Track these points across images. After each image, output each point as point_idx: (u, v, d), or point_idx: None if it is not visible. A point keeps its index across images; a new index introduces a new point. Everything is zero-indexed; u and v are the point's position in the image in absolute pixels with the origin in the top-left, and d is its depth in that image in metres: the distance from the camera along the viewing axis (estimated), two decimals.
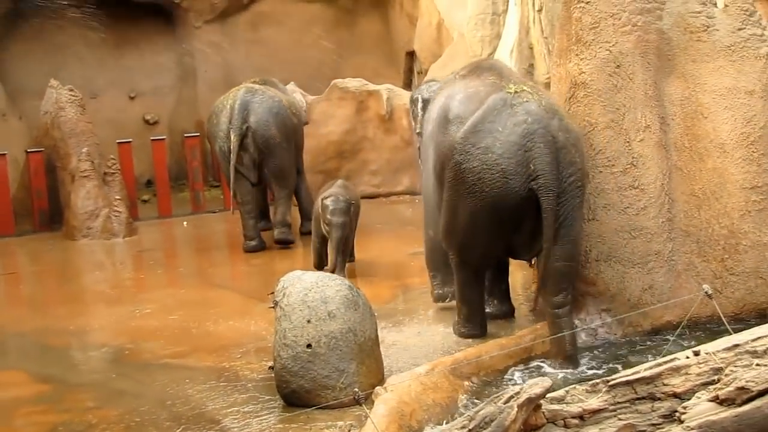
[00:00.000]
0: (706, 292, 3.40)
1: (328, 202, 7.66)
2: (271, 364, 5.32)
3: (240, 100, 9.45)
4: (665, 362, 2.73)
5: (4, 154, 11.82)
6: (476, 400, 4.89)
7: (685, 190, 6.02)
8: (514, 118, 5.45)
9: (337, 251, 7.56)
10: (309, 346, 5.05)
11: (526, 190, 5.38)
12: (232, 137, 9.30)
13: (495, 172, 5.43)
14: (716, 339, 2.92)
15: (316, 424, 4.82)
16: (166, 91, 15.67)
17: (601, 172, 5.93)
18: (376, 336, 5.34)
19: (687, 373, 2.71)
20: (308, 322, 5.09)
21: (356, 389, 4.20)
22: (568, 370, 5.43)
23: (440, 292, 6.74)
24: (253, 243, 9.56)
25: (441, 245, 6.14)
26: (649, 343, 5.72)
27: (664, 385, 2.67)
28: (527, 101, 5.50)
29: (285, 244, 9.61)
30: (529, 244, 5.62)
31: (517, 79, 6.02)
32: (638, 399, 2.63)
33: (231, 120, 9.36)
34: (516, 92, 5.59)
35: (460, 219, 5.70)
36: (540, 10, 9.42)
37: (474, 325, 6.07)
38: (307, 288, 5.20)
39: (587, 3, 5.99)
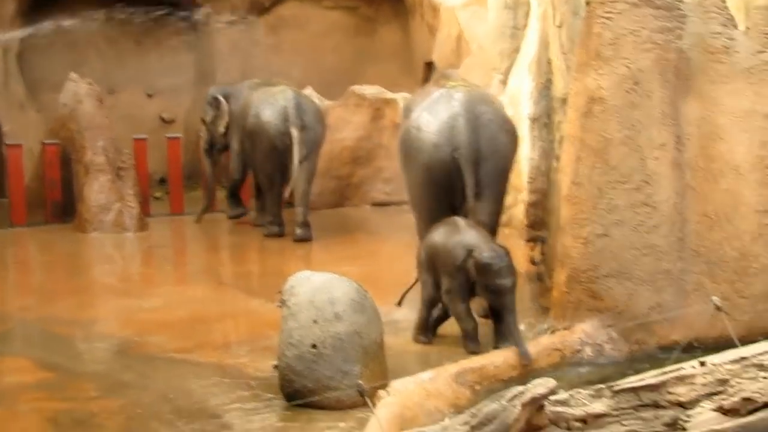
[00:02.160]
0: (714, 304, 3.39)
1: (487, 259, 5.89)
2: (275, 362, 5.33)
3: (294, 100, 10.24)
4: (671, 371, 2.73)
5: (20, 145, 11.88)
6: None
7: (697, 210, 6.00)
8: (447, 104, 6.84)
9: (515, 322, 5.84)
10: (314, 346, 5.07)
11: (452, 159, 6.61)
12: (293, 132, 9.94)
13: (427, 145, 6.76)
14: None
15: (317, 424, 4.83)
16: (184, 91, 15.71)
17: (614, 188, 5.92)
18: (382, 340, 5.35)
19: (692, 383, 2.70)
20: (314, 322, 5.11)
21: (360, 382, 4.20)
22: None
23: None
24: (282, 228, 10.25)
25: None
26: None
27: (669, 393, 2.66)
28: (458, 92, 6.92)
29: (306, 241, 10.08)
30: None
31: (462, 80, 7.50)
32: (642, 406, 2.62)
33: (288, 117, 10.06)
34: (453, 87, 7.04)
35: (415, 189, 6.98)
36: (560, 26, 9.40)
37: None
38: (315, 288, 5.22)
39: (608, 18, 5.99)
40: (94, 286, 8.83)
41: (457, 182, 6.61)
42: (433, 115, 6.82)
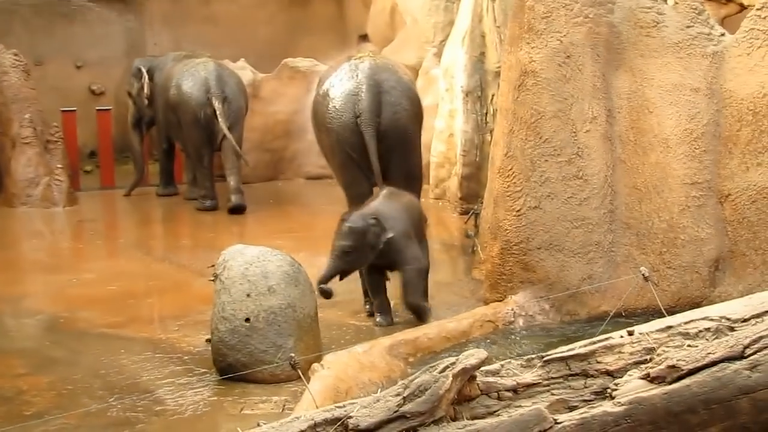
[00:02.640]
0: (643, 275, 3.44)
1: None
2: (208, 337, 5.29)
3: (215, 72, 10.25)
4: (600, 341, 2.77)
5: None
6: None
7: (627, 182, 6.08)
8: (351, 73, 7.25)
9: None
10: (247, 320, 5.04)
11: (356, 125, 7.01)
12: (215, 104, 9.96)
13: (333, 112, 7.16)
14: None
15: (251, 398, 4.81)
16: (114, 62, 15.38)
17: (546, 161, 5.97)
18: (316, 313, 5.34)
19: (620, 352, 2.75)
20: (248, 296, 5.08)
21: (292, 354, 4.19)
22: None
23: None
24: (214, 202, 10.21)
25: None
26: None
27: (598, 362, 2.71)
28: (364, 62, 7.30)
29: (241, 211, 10.01)
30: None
31: (370, 52, 8.00)
32: (572, 375, 2.66)
33: (209, 89, 10.06)
34: (359, 58, 7.44)
35: (328, 155, 7.45)
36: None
37: None
38: (248, 262, 5.18)
39: None
40: (22, 262, 8.67)
41: (364, 147, 7.01)
42: (339, 84, 7.29)
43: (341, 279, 5.94)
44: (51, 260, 8.54)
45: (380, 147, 7.02)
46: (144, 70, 11.41)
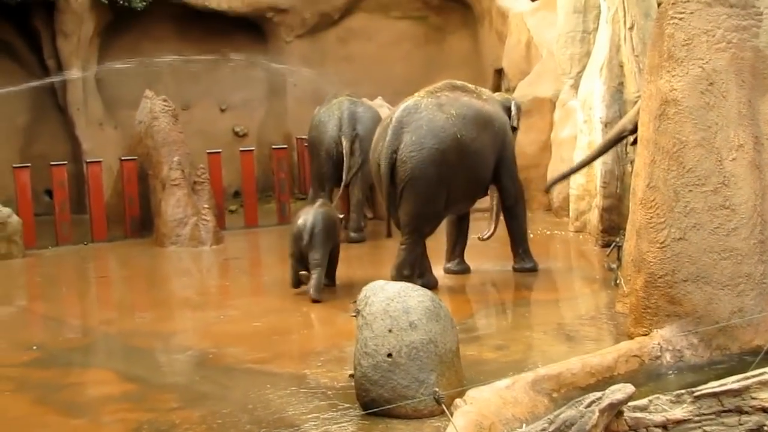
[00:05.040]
0: None
1: None
2: (351, 372, 5.35)
3: (348, 111, 10.74)
4: (754, 375, 2.66)
5: (99, 162, 12.19)
6: None
7: None
8: (392, 112, 8.00)
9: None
10: (390, 355, 5.07)
11: (378, 159, 7.78)
12: (344, 142, 10.50)
13: (374, 144, 7.99)
14: None
15: None
16: (256, 104, 15.93)
17: (690, 191, 5.81)
18: (457, 348, 5.33)
19: None
20: (390, 331, 5.11)
21: (436, 389, 4.19)
22: None
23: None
24: (361, 234, 10.76)
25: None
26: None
27: (752, 398, 2.60)
28: (408, 101, 7.92)
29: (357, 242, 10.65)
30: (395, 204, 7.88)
31: (440, 87, 8.27)
32: (725, 411, 2.57)
33: (341, 127, 10.59)
34: (410, 97, 8.04)
35: None
36: (632, 28, 9.32)
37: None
38: (389, 298, 5.23)
39: (681, 19, 5.89)
40: (172, 300, 8.98)
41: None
42: (384, 120, 8.02)
43: None
44: (199, 298, 8.83)
45: (396, 181, 7.61)
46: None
